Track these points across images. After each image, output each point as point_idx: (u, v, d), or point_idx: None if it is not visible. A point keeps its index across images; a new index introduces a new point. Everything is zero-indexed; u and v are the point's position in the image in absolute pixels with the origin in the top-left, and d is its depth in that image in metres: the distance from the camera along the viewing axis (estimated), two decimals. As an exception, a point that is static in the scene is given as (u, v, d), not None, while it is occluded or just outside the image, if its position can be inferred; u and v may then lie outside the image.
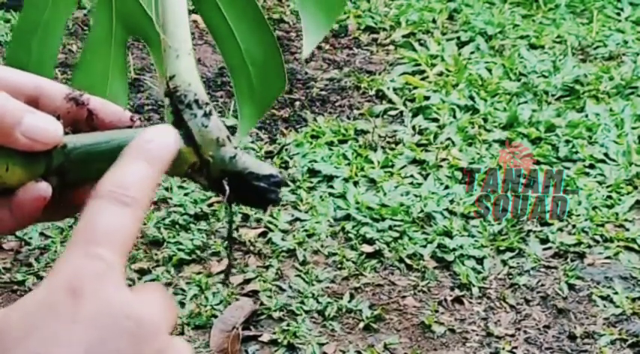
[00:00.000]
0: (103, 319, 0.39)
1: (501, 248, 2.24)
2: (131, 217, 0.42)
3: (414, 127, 2.69)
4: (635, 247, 2.25)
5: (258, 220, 2.30)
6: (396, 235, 2.27)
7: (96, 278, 0.40)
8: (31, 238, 2.24)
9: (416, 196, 2.39)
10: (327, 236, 2.26)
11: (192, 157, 0.46)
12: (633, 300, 2.10)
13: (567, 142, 2.60)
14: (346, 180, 2.45)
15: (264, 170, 0.45)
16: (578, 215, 2.33)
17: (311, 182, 2.44)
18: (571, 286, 2.14)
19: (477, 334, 2.02)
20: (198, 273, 2.13)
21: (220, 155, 0.45)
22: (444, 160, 2.53)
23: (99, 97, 0.48)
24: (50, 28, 0.74)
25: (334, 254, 2.21)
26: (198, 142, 0.46)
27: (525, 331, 2.03)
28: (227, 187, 0.45)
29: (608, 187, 2.44)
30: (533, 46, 3.11)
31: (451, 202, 2.37)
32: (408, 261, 2.20)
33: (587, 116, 2.71)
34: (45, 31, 0.73)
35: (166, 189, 2.39)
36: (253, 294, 2.08)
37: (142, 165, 0.44)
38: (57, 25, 0.74)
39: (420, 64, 2.98)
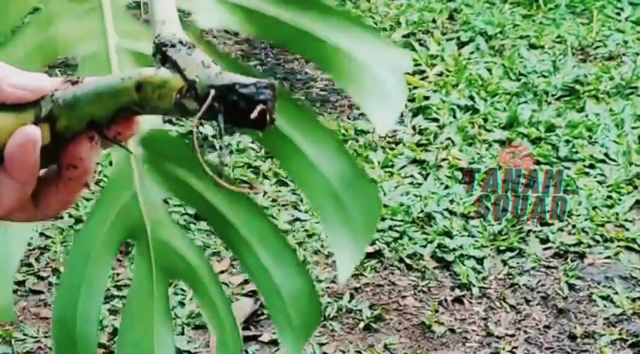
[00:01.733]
0: None
1: (501, 248, 2.24)
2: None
3: (414, 127, 2.69)
4: (636, 247, 2.25)
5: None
6: (396, 235, 2.27)
7: None
8: (31, 237, 2.24)
9: (416, 196, 2.39)
10: (327, 236, 2.26)
11: (179, 82, 0.46)
12: (633, 300, 2.10)
13: (567, 142, 2.60)
14: (346, 180, 2.44)
15: (251, 79, 0.45)
16: (579, 215, 2.33)
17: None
18: (571, 286, 2.14)
19: (477, 334, 2.02)
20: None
21: (206, 74, 0.45)
22: (444, 160, 2.53)
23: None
24: (93, 287, 0.76)
25: (334, 254, 2.20)
26: (182, 66, 0.46)
27: (525, 331, 2.03)
28: (215, 98, 0.45)
29: (608, 187, 2.44)
30: (533, 46, 3.11)
31: (451, 202, 2.37)
32: (408, 261, 2.20)
33: (587, 116, 2.71)
34: (87, 291, 0.76)
35: (166, 189, 2.38)
36: (253, 294, 2.08)
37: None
38: (99, 282, 0.76)
39: (420, 64, 2.98)
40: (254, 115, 0.44)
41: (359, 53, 0.75)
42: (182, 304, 2.03)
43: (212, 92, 0.45)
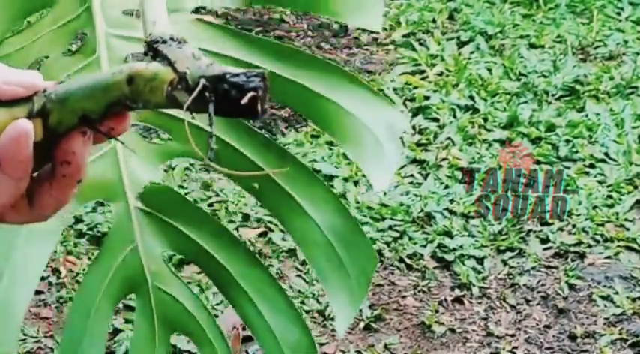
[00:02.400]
0: None
1: (501, 248, 2.24)
2: None
3: (414, 127, 2.69)
4: (636, 246, 2.25)
5: (259, 220, 2.30)
6: (396, 234, 2.27)
7: None
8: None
9: (416, 195, 2.39)
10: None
11: (170, 75, 0.46)
12: (633, 300, 2.10)
13: (567, 141, 2.60)
14: (346, 180, 2.45)
15: (241, 69, 0.45)
16: (579, 215, 2.33)
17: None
18: (571, 286, 2.14)
19: (478, 334, 2.02)
20: (199, 272, 2.13)
21: (197, 65, 0.46)
22: (444, 159, 2.53)
23: None
24: (94, 338, 0.77)
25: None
26: (172, 59, 0.46)
27: (525, 331, 2.03)
28: (205, 88, 0.45)
29: (608, 186, 2.43)
30: (533, 46, 3.11)
31: (451, 201, 2.37)
32: (408, 261, 2.20)
33: (587, 116, 2.71)
34: (90, 342, 0.77)
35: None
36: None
37: None
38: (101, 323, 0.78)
39: (420, 64, 2.98)
40: (244, 101, 0.44)
41: (359, 113, 0.76)
42: (182, 304, 2.03)
43: (202, 81, 0.45)
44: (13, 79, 0.46)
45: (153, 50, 0.47)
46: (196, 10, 0.73)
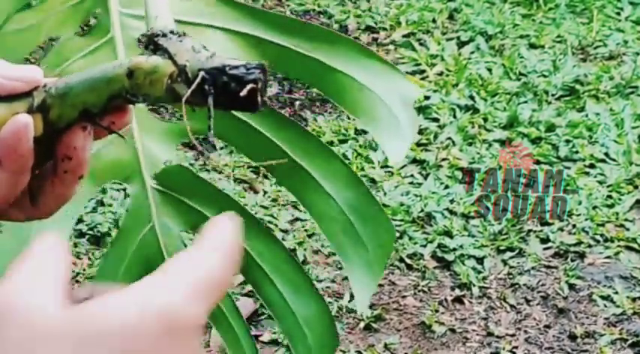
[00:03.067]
0: None
1: (501, 248, 2.24)
2: (232, 273, 0.41)
3: (414, 127, 2.69)
4: (636, 246, 2.25)
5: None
6: (397, 234, 2.27)
7: (194, 329, 0.38)
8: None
9: (416, 195, 2.39)
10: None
11: (170, 68, 0.46)
12: (634, 300, 2.10)
13: (567, 141, 2.60)
14: (346, 180, 2.44)
15: (241, 61, 0.45)
16: (579, 215, 2.33)
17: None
18: (571, 286, 2.14)
19: (478, 334, 2.02)
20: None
21: (197, 58, 0.46)
22: (444, 159, 2.53)
23: None
24: None
25: (334, 254, 2.20)
26: (172, 52, 0.46)
27: (526, 331, 2.03)
28: (205, 81, 0.45)
29: (608, 186, 2.43)
30: (533, 46, 3.11)
31: (451, 201, 2.37)
32: (408, 261, 2.20)
33: (587, 116, 2.71)
34: None
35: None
36: (253, 294, 2.08)
37: (226, 270, 0.41)
38: None
39: (420, 64, 2.98)
40: (243, 93, 0.44)
41: (372, 86, 0.75)
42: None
43: (201, 74, 0.45)
44: (12, 74, 0.46)
45: (153, 44, 0.47)
46: None
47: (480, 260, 2.21)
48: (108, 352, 0.35)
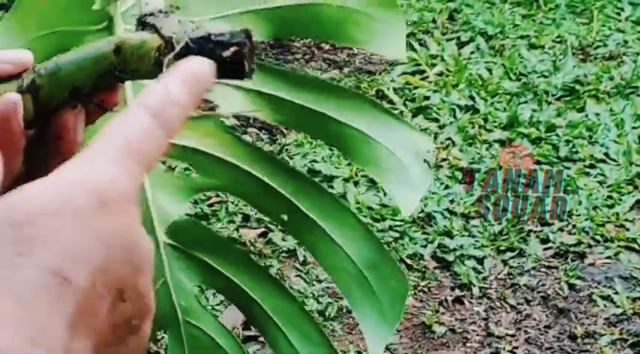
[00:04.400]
0: (117, 246, 0.38)
1: (502, 248, 2.24)
2: (163, 143, 0.42)
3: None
4: (636, 246, 2.25)
5: (259, 221, 2.30)
6: (397, 235, 2.26)
7: (125, 197, 0.38)
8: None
9: (416, 196, 2.39)
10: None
11: (157, 41, 0.46)
12: (634, 300, 2.10)
13: (567, 141, 2.60)
14: (346, 180, 2.45)
15: (226, 29, 0.46)
16: (579, 215, 2.33)
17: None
18: (571, 286, 2.14)
19: (478, 334, 2.02)
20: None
21: (182, 29, 0.46)
22: (444, 160, 2.53)
23: None
24: None
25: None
26: (159, 26, 0.47)
27: (526, 331, 2.03)
28: (190, 49, 0.45)
29: (608, 186, 2.43)
30: (533, 46, 3.11)
31: (451, 202, 2.37)
32: (408, 261, 2.20)
33: (587, 116, 2.71)
34: None
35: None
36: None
37: (186, 96, 0.43)
38: None
39: (420, 64, 2.98)
40: (227, 53, 0.44)
41: (382, 139, 0.76)
42: (182, 304, 2.03)
43: (186, 39, 0.45)
44: (1, 56, 0.46)
45: (142, 24, 0.48)
46: None
47: (480, 260, 2.21)
48: (42, 232, 0.36)
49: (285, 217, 0.77)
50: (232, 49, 0.45)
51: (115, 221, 0.38)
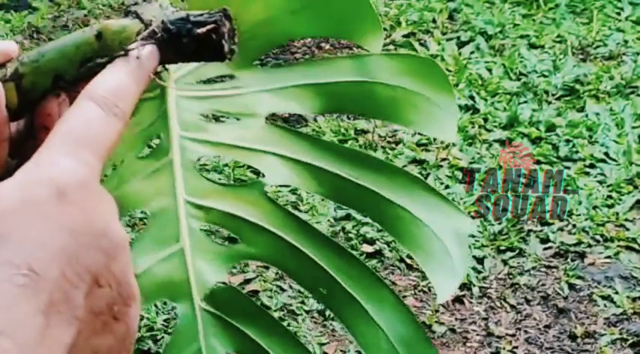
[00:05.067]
0: (84, 234, 0.38)
1: (502, 248, 2.24)
2: (117, 129, 0.43)
3: (414, 127, 2.69)
4: (636, 246, 2.25)
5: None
6: (397, 235, 2.27)
7: (82, 186, 0.39)
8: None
9: (416, 195, 2.39)
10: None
11: (137, 26, 0.47)
12: (634, 300, 2.10)
13: (567, 141, 2.60)
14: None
15: (205, 11, 0.46)
16: (579, 215, 2.33)
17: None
18: (571, 286, 2.14)
19: (478, 334, 2.02)
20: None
21: (162, 13, 0.47)
22: (444, 159, 2.53)
23: None
24: None
25: None
26: (140, 12, 0.47)
27: (526, 331, 2.03)
28: (169, 29, 0.46)
29: (608, 186, 2.43)
30: (533, 46, 3.11)
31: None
32: (408, 261, 2.20)
33: (587, 116, 2.71)
34: None
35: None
36: (254, 294, 2.08)
37: (131, 81, 0.44)
38: None
39: (420, 64, 2.97)
40: (202, 30, 0.45)
41: (427, 220, 0.76)
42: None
43: (164, 19, 0.46)
44: None
45: (126, 13, 0.48)
46: (270, 117, 0.75)
47: (480, 260, 2.21)
48: (6, 230, 0.37)
49: (324, 291, 0.78)
50: (208, 26, 0.45)
51: (76, 209, 0.39)
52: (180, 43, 0.46)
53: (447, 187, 2.43)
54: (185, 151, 0.72)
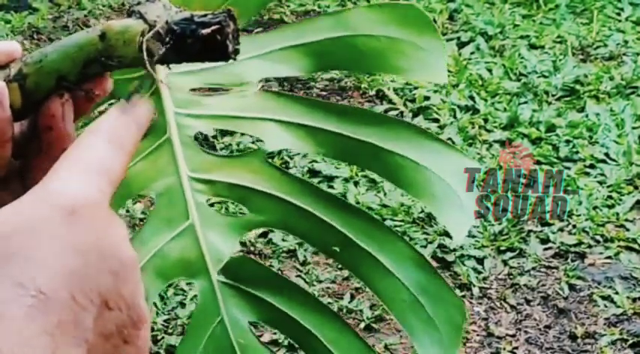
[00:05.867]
0: (93, 256, 0.38)
1: (502, 248, 2.24)
2: (123, 160, 0.43)
3: (414, 128, 2.69)
4: (636, 247, 2.25)
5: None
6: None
7: (93, 207, 0.39)
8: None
9: (416, 196, 2.39)
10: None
11: (141, 26, 0.47)
12: (634, 300, 2.10)
13: (568, 142, 2.60)
14: (347, 180, 2.45)
15: (209, 12, 0.46)
16: (579, 215, 2.33)
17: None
18: (572, 286, 2.14)
19: (478, 335, 2.02)
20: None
21: (167, 13, 0.47)
22: (444, 160, 2.53)
23: None
24: None
25: None
26: (143, 11, 0.47)
27: (526, 331, 2.03)
28: (173, 29, 0.46)
29: (608, 187, 2.43)
30: (533, 46, 3.11)
31: (451, 202, 2.37)
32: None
33: (587, 116, 2.71)
34: None
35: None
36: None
37: (131, 121, 0.45)
38: None
39: (420, 65, 2.97)
40: (206, 31, 0.45)
41: (431, 165, 0.76)
42: (182, 304, 2.03)
43: (168, 20, 0.46)
44: None
45: (128, 13, 0.48)
46: (262, 82, 0.75)
47: (480, 261, 2.21)
48: (17, 250, 0.37)
49: (337, 249, 0.78)
50: (213, 27, 0.45)
51: (87, 229, 0.38)
52: (185, 43, 0.46)
53: (447, 187, 2.42)
54: (182, 127, 0.72)
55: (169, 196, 0.74)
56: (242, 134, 2.48)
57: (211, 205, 0.76)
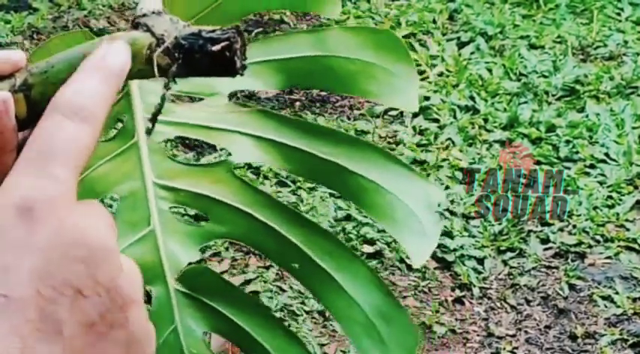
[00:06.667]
0: (54, 249, 0.38)
1: (502, 248, 2.24)
2: (88, 133, 0.41)
3: (414, 128, 2.69)
4: (636, 247, 2.25)
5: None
6: (397, 235, 2.26)
7: (49, 201, 0.38)
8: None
9: (416, 196, 2.39)
10: None
11: (148, 39, 0.47)
12: (634, 300, 2.10)
13: (568, 142, 2.60)
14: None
15: (217, 27, 0.46)
16: (579, 215, 2.33)
17: (311, 183, 2.44)
18: (572, 286, 2.14)
19: (478, 335, 2.02)
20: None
21: (174, 27, 0.47)
22: (444, 160, 2.53)
23: None
24: None
25: None
26: (150, 24, 0.47)
27: (526, 332, 2.03)
28: (181, 47, 0.46)
29: (608, 187, 2.43)
30: (533, 46, 3.11)
31: (451, 202, 2.37)
32: (408, 261, 2.20)
33: (587, 116, 2.71)
34: None
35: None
36: (254, 294, 2.08)
37: (98, 81, 0.43)
38: None
39: (420, 65, 2.98)
40: (216, 47, 0.45)
41: (395, 190, 0.77)
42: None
43: (176, 35, 0.46)
44: None
45: (134, 25, 0.48)
46: (232, 94, 0.75)
47: (481, 261, 2.21)
48: None
49: (296, 266, 0.78)
50: (222, 43, 0.45)
51: (45, 225, 0.38)
52: (193, 58, 0.46)
53: (447, 187, 2.43)
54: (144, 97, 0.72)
55: (133, 201, 0.74)
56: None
57: (174, 212, 0.76)
